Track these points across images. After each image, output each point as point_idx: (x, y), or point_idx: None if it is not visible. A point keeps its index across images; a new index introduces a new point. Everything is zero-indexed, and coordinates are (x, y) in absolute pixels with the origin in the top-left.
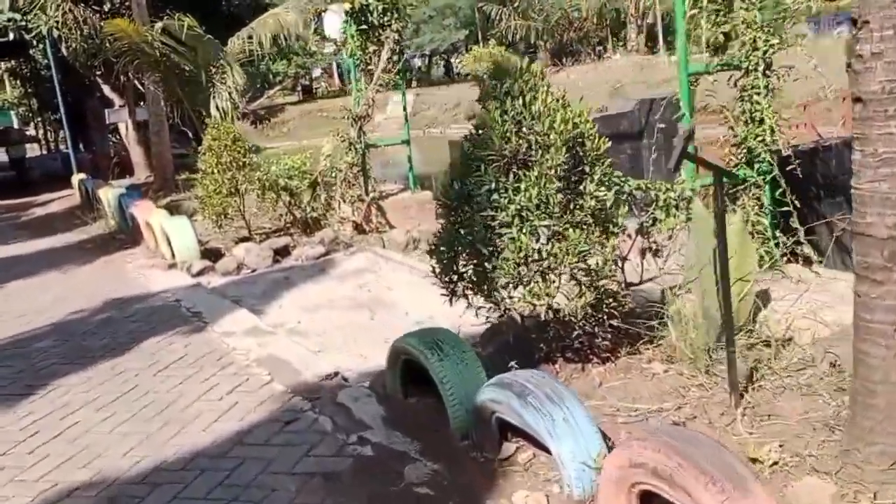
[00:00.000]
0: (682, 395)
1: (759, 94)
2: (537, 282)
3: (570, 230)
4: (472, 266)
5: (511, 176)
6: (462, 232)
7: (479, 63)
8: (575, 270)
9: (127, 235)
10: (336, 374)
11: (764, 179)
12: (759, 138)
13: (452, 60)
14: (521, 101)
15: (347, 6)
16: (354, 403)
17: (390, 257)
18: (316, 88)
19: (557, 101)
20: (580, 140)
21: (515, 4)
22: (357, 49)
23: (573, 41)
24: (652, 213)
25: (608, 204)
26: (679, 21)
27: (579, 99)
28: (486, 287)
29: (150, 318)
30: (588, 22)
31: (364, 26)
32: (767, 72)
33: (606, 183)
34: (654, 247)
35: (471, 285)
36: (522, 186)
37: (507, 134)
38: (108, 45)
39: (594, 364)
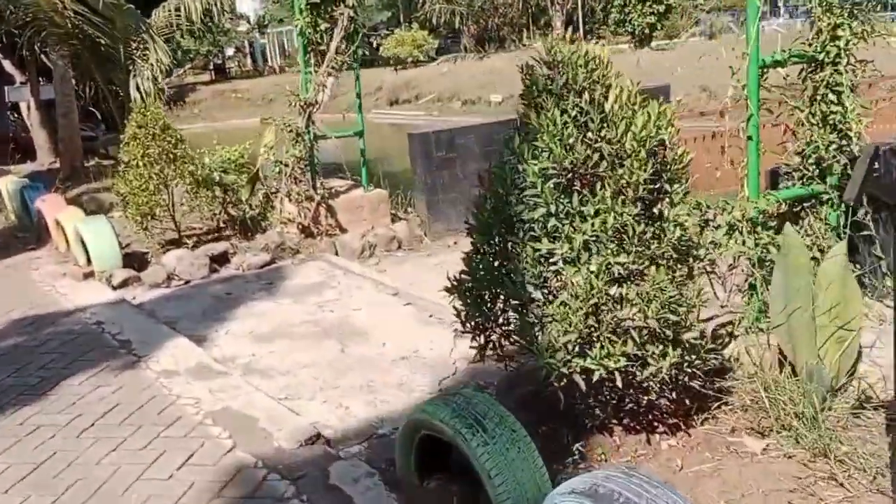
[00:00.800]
0: (810, 495)
1: (839, 92)
2: (608, 337)
3: (652, 268)
4: (514, 312)
5: (575, 196)
6: (503, 267)
7: (531, 46)
8: (658, 321)
9: (31, 234)
10: (318, 436)
11: (837, 195)
12: (834, 145)
13: (373, 42)
14: (586, 97)
15: None
16: (354, 488)
17: (348, 268)
18: (229, 68)
19: (634, 97)
20: (660, 149)
21: None
22: (307, 26)
23: (497, 27)
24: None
25: (691, 231)
26: (752, 4)
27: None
28: (534, 342)
29: (67, 349)
30: (513, 8)
31: (315, 0)
32: (848, 66)
33: (688, 204)
34: (721, 280)
35: (508, 336)
36: (592, 210)
37: (570, 140)
38: (9, 13)
39: (661, 434)
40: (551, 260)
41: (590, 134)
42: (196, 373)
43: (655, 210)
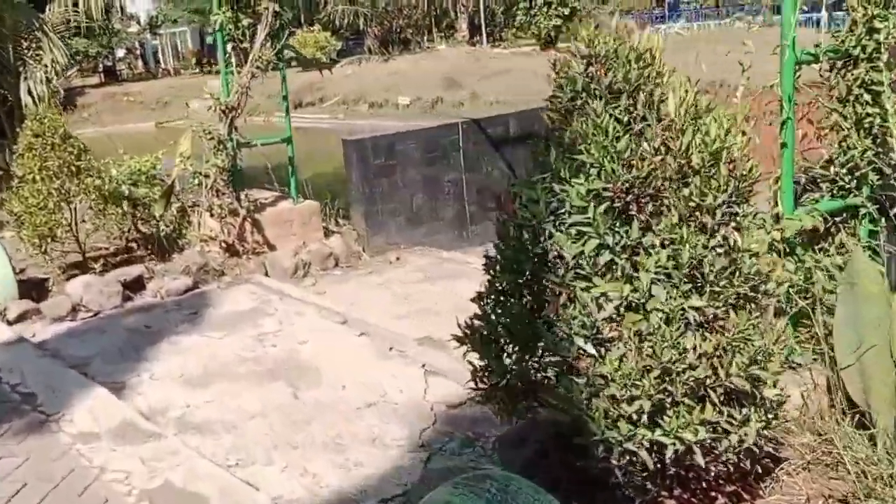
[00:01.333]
0: None
1: (876, 92)
2: (684, 402)
3: (731, 312)
4: (555, 373)
5: (635, 224)
6: (536, 312)
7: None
8: (746, 379)
9: None
10: None
11: (875, 208)
12: (871, 152)
13: None
14: (642, 99)
15: None
16: None
17: (283, 291)
18: (119, 70)
19: (695, 97)
20: (728, 162)
21: None
22: (228, 22)
23: (401, 29)
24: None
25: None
26: None
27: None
28: (585, 409)
29: None
30: (418, 10)
31: None
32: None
33: (761, 228)
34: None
35: (547, 401)
36: (656, 240)
37: (626, 154)
38: None
39: None
40: (608, 305)
41: (647, 144)
42: (121, 434)
43: (724, 238)
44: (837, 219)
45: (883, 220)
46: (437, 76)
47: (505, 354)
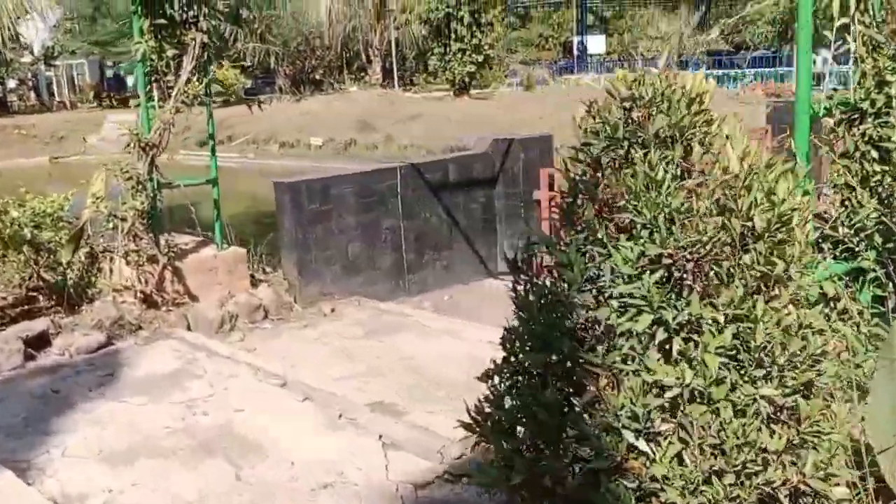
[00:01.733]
0: None
1: (886, 150)
2: None
3: (801, 400)
4: (593, 473)
5: (695, 297)
6: (569, 399)
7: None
8: (824, 480)
9: None
10: None
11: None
12: (877, 213)
13: None
14: (696, 150)
15: None
16: None
17: (210, 348)
18: (10, 102)
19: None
20: (801, 225)
21: (255, 25)
22: (151, 52)
23: (313, 69)
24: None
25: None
26: (803, 48)
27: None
28: None
29: None
30: (331, 51)
31: (161, 21)
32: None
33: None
34: None
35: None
36: (719, 317)
37: (684, 212)
38: None
39: None
40: (664, 393)
41: (706, 202)
42: None
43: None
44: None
45: (890, 284)
46: (350, 118)
47: (524, 447)
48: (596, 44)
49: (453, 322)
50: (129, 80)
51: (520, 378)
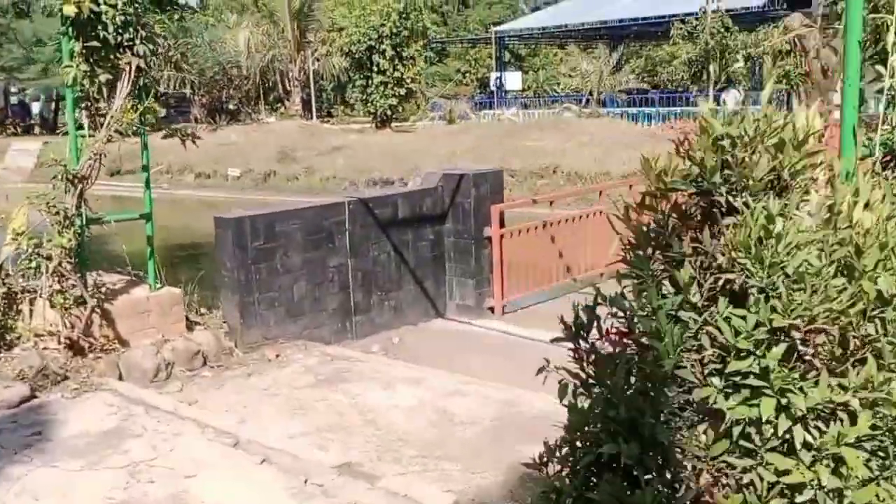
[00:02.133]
0: None
1: None
2: None
3: None
4: None
5: (824, 375)
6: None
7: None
8: None
9: None
10: None
11: None
12: None
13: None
14: (814, 199)
15: (70, 10)
16: None
17: (149, 402)
18: None
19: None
20: None
21: (170, 53)
22: (82, 76)
23: (230, 99)
24: None
25: None
26: (851, 80)
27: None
28: None
29: None
30: (249, 81)
31: (94, 43)
32: None
33: None
34: None
35: None
36: (853, 400)
37: (807, 276)
38: None
39: None
40: (797, 496)
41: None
42: None
43: None
44: None
45: None
46: (270, 149)
47: None
48: (513, 80)
49: (410, 368)
50: (35, 107)
51: (594, 469)
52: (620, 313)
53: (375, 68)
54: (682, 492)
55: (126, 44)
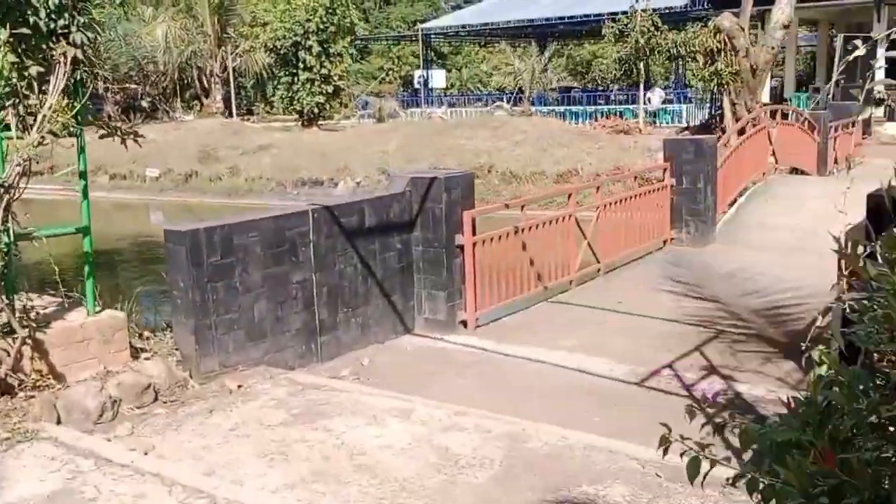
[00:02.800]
0: None
1: None
2: None
3: None
4: None
5: None
6: None
7: None
8: None
9: None
10: None
11: None
12: None
13: None
14: None
15: None
16: None
17: (100, 454)
18: None
19: None
20: None
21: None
22: (10, 69)
23: (145, 96)
24: None
25: None
26: None
27: None
28: None
29: None
30: (166, 77)
31: (24, 30)
32: None
33: None
34: None
35: None
36: None
37: None
38: None
39: None
40: None
41: None
42: None
43: None
44: None
45: None
46: (190, 148)
47: None
48: (437, 78)
49: (394, 397)
50: None
51: None
52: None
53: (301, 65)
54: None
55: (60, 31)
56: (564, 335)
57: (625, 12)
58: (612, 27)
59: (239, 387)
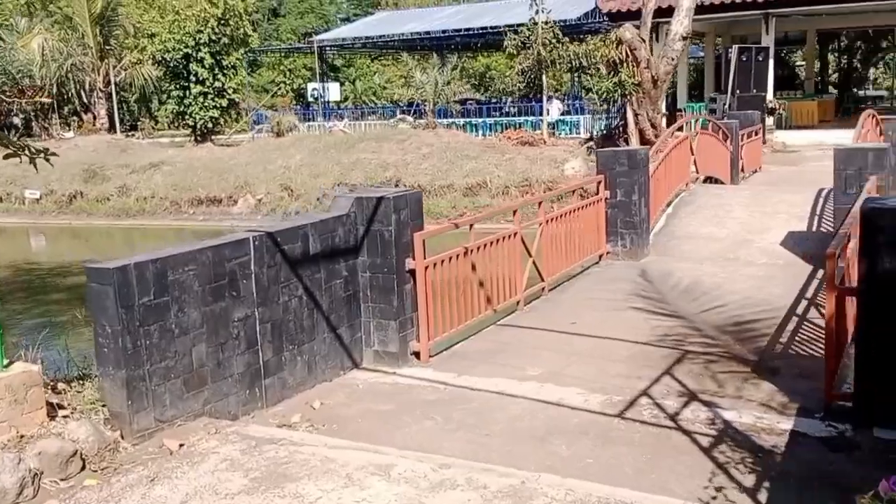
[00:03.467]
0: None
1: None
2: None
3: None
4: None
5: None
6: None
7: None
8: None
9: None
10: None
11: None
12: None
13: None
14: None
15: None
16: None
17: None
18: None
19: None
20: None
21: None
22: None
23: (18, 113)
24: None
25: None
26: None
27: None
28: None
29: None
30: (44, 92)
31: None
32: None
33: None
34: None
35: None
36: None
37: None
38: None
39: None
40: None
41: None
42: None
43: None
44: None
45: None
46: (75, 167)
47: None
48: (332, 91)
49: (366, 450)
50: None
51: None
52: None
53: (194, 78)
54: None
55: None
56: (527, 363)
57: (520, 25)
58: (515, 39)
59: (181, 446)
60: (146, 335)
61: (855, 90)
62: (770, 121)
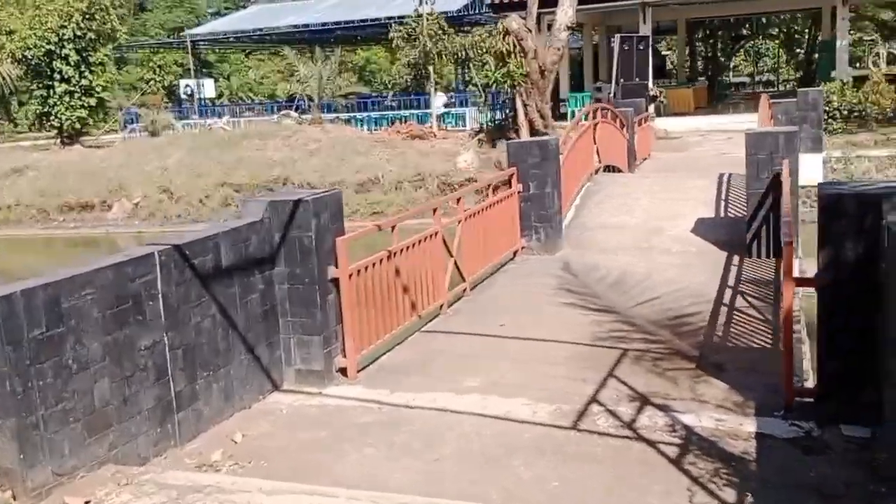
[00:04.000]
0: None
1: None
2: None
3: None
4: None
5: None
6: None
7: None
8: None
9: None
10: None
11: None
12: None
13: None
14: None
15: None
16: None
17: None
18: None
19: None
20: None
21: None
22: None
23: None
24: None
25: None
26: None
27: None
28: None
29: None
30: None
31: None
32: None
33: None
34: None
35: None
36: None
37: None
38: None
39: None
40: None
41: None
42: None
43: None
44: None
45: None
46: None
47: None
48: (207, 87)
49: (309, 493)
50: None
51: None
52: None
53: (58, 76)
54: None
55: None
56: (463, 373)
57: (404, 17)
58: (401, 31)
59: (86, 503)
60: (39, 375)
61: (722, 77)
62: (650, 108)
